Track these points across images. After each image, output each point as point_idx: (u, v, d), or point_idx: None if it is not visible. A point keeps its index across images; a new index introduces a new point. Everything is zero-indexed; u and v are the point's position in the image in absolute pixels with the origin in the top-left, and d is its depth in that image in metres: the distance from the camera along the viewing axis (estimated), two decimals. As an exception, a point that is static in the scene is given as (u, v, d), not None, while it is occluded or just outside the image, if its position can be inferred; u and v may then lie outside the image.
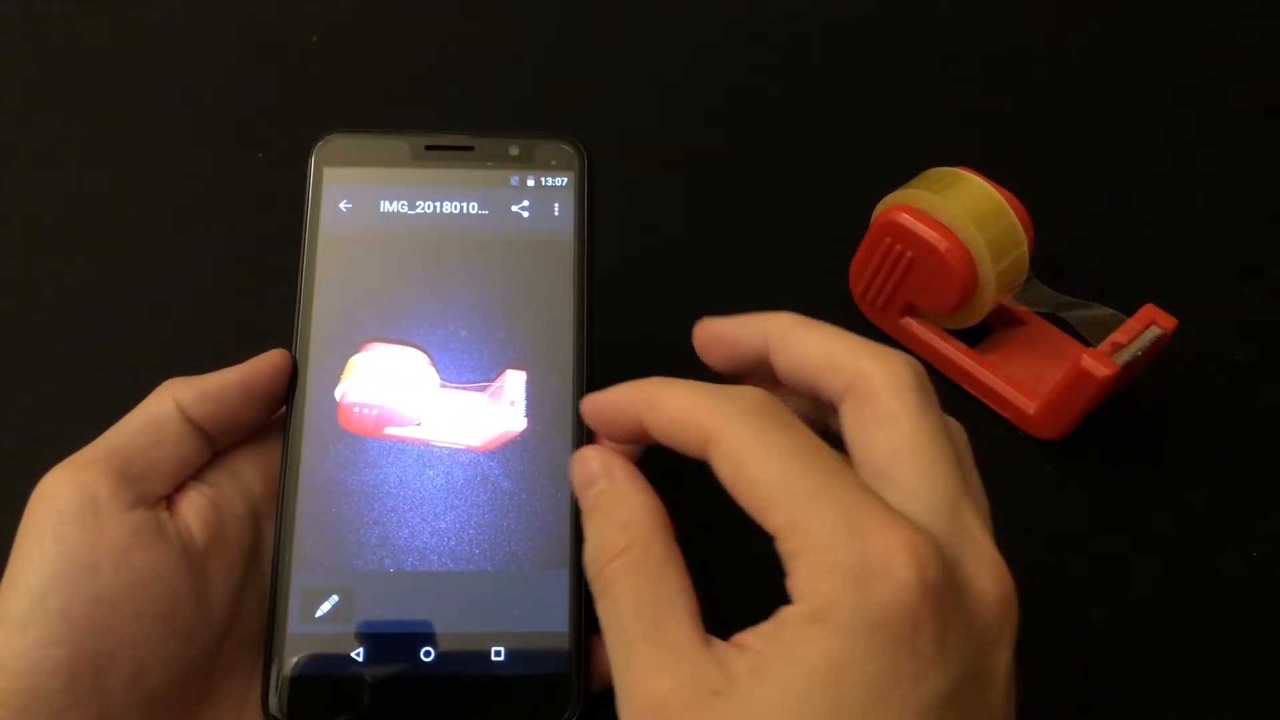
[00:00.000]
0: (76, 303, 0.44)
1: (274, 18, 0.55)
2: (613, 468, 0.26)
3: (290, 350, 0.30)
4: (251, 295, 0.43)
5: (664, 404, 0.25)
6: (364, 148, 0.33)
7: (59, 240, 0.46)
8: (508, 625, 0.29)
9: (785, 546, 0.22)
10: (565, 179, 0.32)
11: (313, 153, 0.32)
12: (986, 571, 0.23)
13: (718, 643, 0.23)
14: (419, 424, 0.31)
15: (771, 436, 0.23)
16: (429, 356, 0.32)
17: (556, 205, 0.32)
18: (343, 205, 0.32)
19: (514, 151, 0.33)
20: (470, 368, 0.31)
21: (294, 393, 0.30)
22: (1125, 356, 0.37)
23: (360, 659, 0.28)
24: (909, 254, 0.40)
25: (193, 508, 0.28)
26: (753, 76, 0.53)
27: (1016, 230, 0.39)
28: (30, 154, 0.49)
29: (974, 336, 0.42)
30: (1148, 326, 0.38)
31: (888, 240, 0.40)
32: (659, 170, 0.49)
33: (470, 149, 0.33)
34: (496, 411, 0.31)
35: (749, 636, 0.22)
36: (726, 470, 0.23)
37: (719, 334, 0.28)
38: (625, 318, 0.32)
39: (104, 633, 0.25)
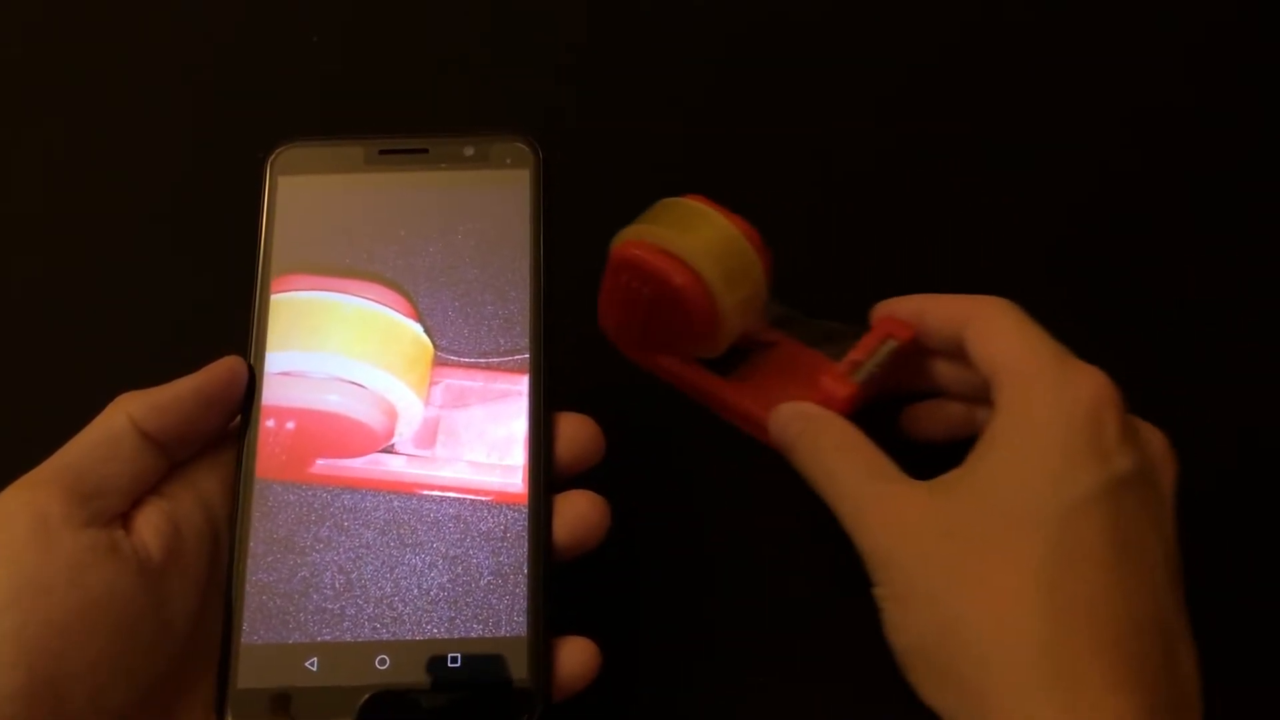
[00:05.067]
0: (68, 307, 0.45)
1: (274, 18, 0.55)
2: (807, 409, 0.36)
3: (246, 358, 0.31)
4: (245, 299, 0.41)
5: (934, 306, 0.36)
6: (318, 156, 0.33)
7: (53, 243, 0.47)
8: (465, 632, 0.28)
9: (1000, 382, 0.31)
10: (520, 178, 0.33)
11: (267, 165, 0.33)
12: (1152, 431, 0.31)
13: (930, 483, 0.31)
14: (404, 453, 0.31)
15: (1011, 322, 0.32)
16: (411, 303, 0.32)
17: (512, 204, 0.33)
18: (298, 214, 0.32)
19: (469, 152, 0.33)
20: (482, 332, 0.32)
21: (251, 401, 0.30)
22: (863, 374, 0.37)
23: (314, 669, 0.28)
24: (646, 290, 0.39)
25: (149, 523, 0.28)
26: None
27: (749, 256, 0.38)
28: (28, 155, 0.49)
29: (731, 363, 0.42)
30: (884, 340, 0.38)
31: (624, 278, 0.39)
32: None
33: (425, 151, 0.33)
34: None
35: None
36: (974, 344, 0.33)
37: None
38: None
39: (61, 654, 0.25)
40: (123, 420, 0.28)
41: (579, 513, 0.30)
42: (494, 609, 0.29)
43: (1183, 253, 0.48)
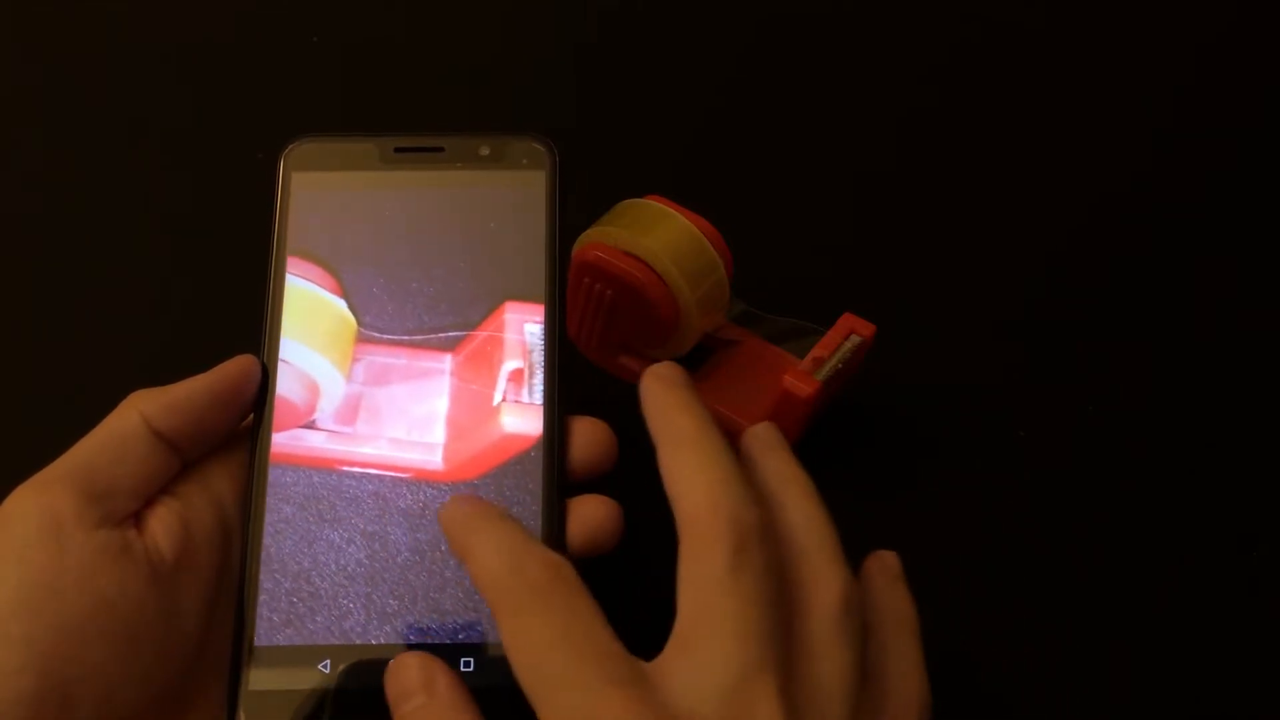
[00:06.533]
0: (79, 306, 0.44)
1: (274, 18, 0.55)
2: (435, 682, 0.25)
3: (259, 356, 0.30)
4: (251, 297, 0.40)
5: (471, 558, 0.26)
6: (333, 152, 0.33)
7: (52, 244, 0.46)
8: (476, 636, 0.28)
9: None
10: (536, 178, 0.32)
11: (280, 159, 0.32)
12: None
13: None
14: (326, 430, 0.30)
15: (537, 626, 0.24)
16: (336, 280, 0.31)
17: (528, 204, 0.32)
18: (312, 210, 0.31)
19: (484, 151, 0.33)
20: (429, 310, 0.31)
21: (264, 399, 0.30)
22: (826, 371, 0.37)
23: (326, 671, 0.28)
24: (609, 292, 0.39)
25: (161, 524, 0.27)
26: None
27: (710, 254, 0.38)
28: (29, 156, 0.49)
29: (696, 360, 0.42)
30: (847, 336, 0.38)
31: (587, 280, 0.39)
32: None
33: (440, 150, 0.33)
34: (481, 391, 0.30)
35: None
36: (505, 648, 0.24)
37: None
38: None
39: (70, 658, 0.24)
40: (135, 419, 0.28)
41: (593, 517, 0.29)
42: None
43: (1185, 262, 0.49)
